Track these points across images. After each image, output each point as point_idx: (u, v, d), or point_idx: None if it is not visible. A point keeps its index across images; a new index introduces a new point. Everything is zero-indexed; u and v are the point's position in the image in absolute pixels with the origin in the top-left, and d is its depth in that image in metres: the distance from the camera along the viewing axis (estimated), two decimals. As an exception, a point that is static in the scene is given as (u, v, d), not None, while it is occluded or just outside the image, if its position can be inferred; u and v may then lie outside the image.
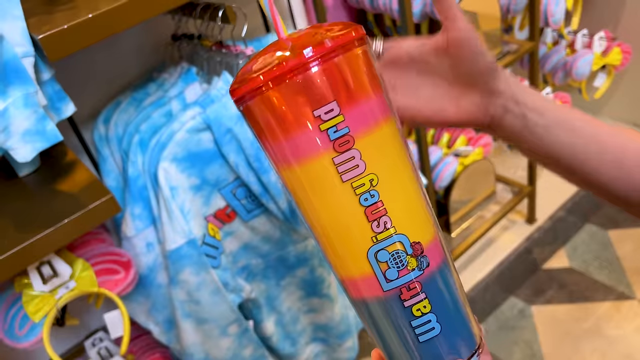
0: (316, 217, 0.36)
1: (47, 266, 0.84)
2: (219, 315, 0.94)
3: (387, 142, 0.35)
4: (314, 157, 0.34)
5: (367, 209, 0.34)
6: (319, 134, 0.33)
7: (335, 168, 0.34)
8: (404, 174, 0.36)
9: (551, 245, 1.76)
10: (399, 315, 0.36)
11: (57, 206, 0.80)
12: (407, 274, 0.35)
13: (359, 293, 0.37)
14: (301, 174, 0.34)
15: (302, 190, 0.35)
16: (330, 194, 0.34)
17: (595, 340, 1.52)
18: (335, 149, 0.33)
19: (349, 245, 0.35)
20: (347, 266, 0.36)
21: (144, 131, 0.90)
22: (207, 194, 0.91)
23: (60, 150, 0.92)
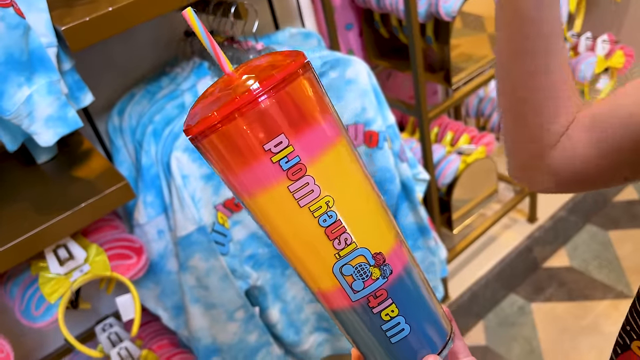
0: (282, 241, 0.38)
1: (63, 249, 0.87)
2: (226, 301, 0.97)
3: (339, 162, 0.37)
4: (270, 188, 0.35)
5: (326, 229, 0.36)
6: (271, 166, 0.34)
7: (292, 195, 0.35)
8: (359, 189, 0.37)
9: (552, 244, 1.79)
10: (369, 322, 0.38)
11: (73, 191, 0.84)
12: (372, 283, 0.37)
13: (330, 304, 0.39)
14: (261, 203, 0.36)
15: (265, 218, 0.37)
16: (290, 219, 0.36)
17: (593, 337, 1.54)
18: (289, 177, 0.35)
19: (315, 264, 0.37)
20: (316, 281, 0.38)
21: (158, 122, 0.94)
22: (217, 184, 0.94)
23: (77, 139, 0.96)
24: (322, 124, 0.36)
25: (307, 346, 1.19)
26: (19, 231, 0.77)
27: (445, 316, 0.42)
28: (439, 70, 1.32)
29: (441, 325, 0.41)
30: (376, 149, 1.05)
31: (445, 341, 0.41)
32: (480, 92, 1.69)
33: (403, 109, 1.31)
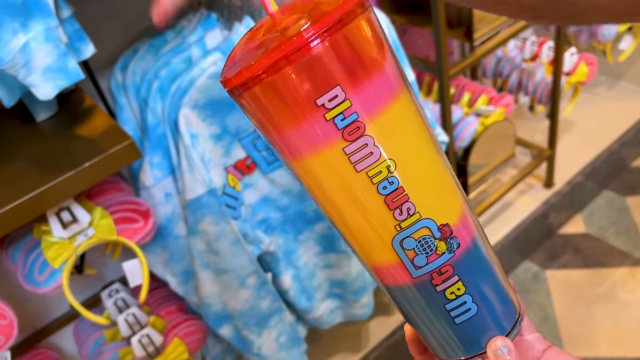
0: (334, 210, 0.33)
1: (66, 212, 0.83)
2: (238, 266, 0.93)
3: (402, 119, 0.32)
4: (322, 150, 0.30)
5: (386, 197, 0.31)
6: (324, 124, 0.30)
7: (348, 158, 0.30)
8: (425, 151, 0.32)
9: (568, 210, 1.74)
10: (432, 300, 0.34)
11: (76, 151, 0.79)
12: (437, 258, 0.33)
13: (387, 280, 0.35)
14: (310, 167, 0.31)
15: (314, 183, 0.32)
16: (345, 186, 0.31)
17: (609, 305, 1.51)
18: (345, 138, 0.30)
19: (372, 236, 0.33)
20: (372, 256, 0.34)
21: (164, 77, 0.88)
22: (227, 144, 0.89)
23: (78, 96, 0.90)
24: (384, 74, 0.31)
25: (320, 313, 1.16)
26: (19, 192, 0.72)
27: (514, 294, 0.37)
28: (456, 27, 1.25)
29: (510, 303, 0.36)
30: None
31: (515, 321, 0.36)
32: (499, 52, 1.61)
33: (422, 67, 1.24)
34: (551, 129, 1.59)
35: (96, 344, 1.08)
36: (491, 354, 0.35)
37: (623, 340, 1.42)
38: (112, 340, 1.06)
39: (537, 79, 1.53)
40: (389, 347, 1.39)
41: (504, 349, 0.34)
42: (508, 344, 0.35)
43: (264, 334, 1.03)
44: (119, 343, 1.06)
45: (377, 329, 1.40)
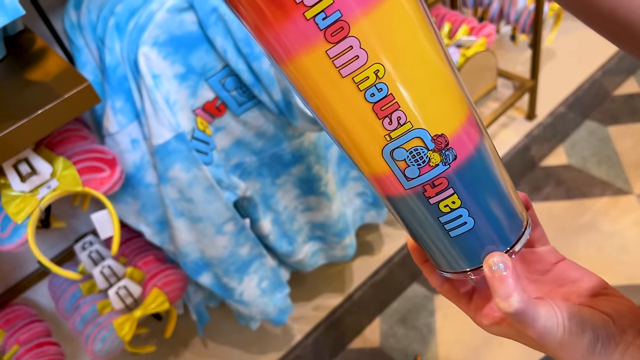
0: (325, 115, 0.31)
1: (24, 164, 0.77)
2: (213, 213, 0.89)
3: (395, 17, 0.28)
4: (305, 53, 0.28)
5: (374, 105, 0.29)
6: (304, 24, 0.27)
7: (331, 62, 0.28)
8: (421, 54, 0.29)
9: (550, 142, 1.72)
10: (425, 212, 0.33)
11: (29, 97, 0.73)
12: (429, 170, 0.31)
13: (382, 190, 0.33)
14: (296, 71, 0.29)
15: (303, 88, 0.30)
16: (331, 92, 0.29)
17: (591, 235, 1.52)
18: (328, 39, 0.27)
19: (363, 145, 0.31)
20: (366, 164, 0.32)
21: (120, 14, 0.81)
22: (193, 84, 0.83)
23: (28, 37, 0.83)
24: None
25: (302, 256, 1.14)
26: (-33, 145, 0.67)
27: (520, 203, 0.35)
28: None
29: (514, 215, 0.34)
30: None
31: (519, 235, 0.34)
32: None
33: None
34: (533, 58, 1.54)
35: (73, 298, 1.05)
36: (487, 269, 0.33)
37: (605, 270, 1.43)
38: (89, 294, 1.04)
39: (520, 7, 1.47)
40: (372, 285, 1.38)
41: (500, 265, 0.33)
42: (505, 260, 0.33)
43: (245, 280, 1.00)
44: (96, 296, 1.03)
45: (360, 269, 1.39)
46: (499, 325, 0.37)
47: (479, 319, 0.38)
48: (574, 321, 0.33)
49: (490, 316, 0.37)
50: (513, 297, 0.32)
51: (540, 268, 0.39)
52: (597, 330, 0.33)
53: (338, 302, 1.35)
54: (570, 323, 0.33)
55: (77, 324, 1.01)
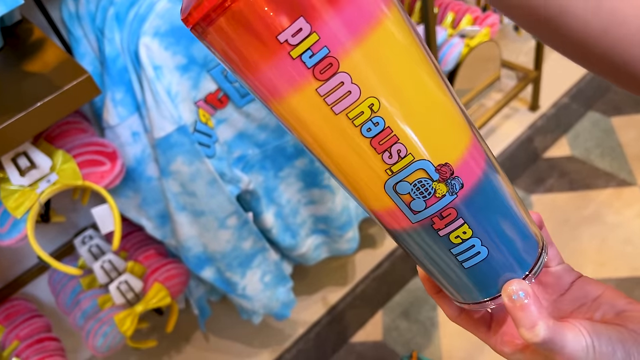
0: (321, 155, 0.30)
1: (23, 157, 0.76)
2: (216, 207, 0.88)
3: (385, 47, 0.27)
4: (294, 92, 0.27)
5: (372, 140, 0.28)
6: (291, 63, 0.26)
7: (323, 100, 0.27)
8: (417, 83, 0.28)
9: (553, 133, 1.71)
10: (436, 245, 0.31)
11: (27, 89, 0.71)
12: (436, 202, 0.29)
13: (388, 224, 0.32)
14: (288, 109, 0.28)
15: (295, 127, 0.29)
16: (325, 130, 0.28)
17: (595, 227, 1.50)
18: (317, 77, 0.26)
19: (363, 182, 0.30)
20: (369, 201, 0.31)
21: (120, 3, 0.79)
22: (195, 76, 0.81)
23: (26, 27, 0.81)
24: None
25: (305, 249, 1.13)
26: (-36, 138, 0.65)
27: (534, 224, 0.33)
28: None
29: (529, 237, 0.32)
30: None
31: (536, 257, 0.32)
32: (483, -32, 1.52)
33: (402, -14, 1.15)
34: (537, 49, 1.52)
35: (73, 293, 1.03)
36: (506, 299, 0.31)
37: (609, 261, 1.42)
38: (89, 288, 1.02)
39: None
40: (375, 279, 1.37)
41: (520, 293, 0.31)
42: (525, 288, 0.31)
43: (247, 275, 0.99)
44: (96, 291, 1.02)
45: (363, 262, 1.38)
46: (522, 352, 0.35)
47: (500, 347, 0.36)
48: (603, 341, 0.31)
49: (512, 344, 0.35)
50: (539, 326, 0.30)
51: (558, 289, 0.37)
52: (628, 347, 0.32)
53: (340, 295, 1.34)
54: (600, 343, 0.31)
55: (77, 319, 1.00)
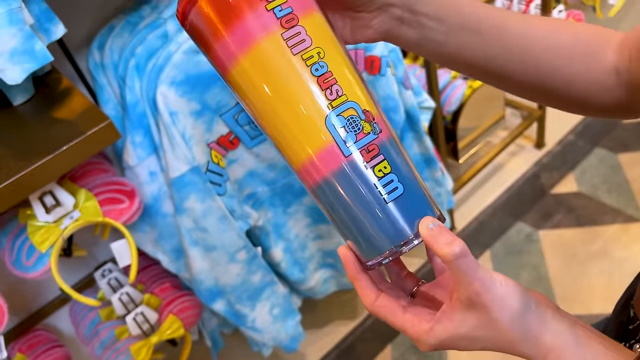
0: (271, 102, 0.38)
1: (49, 196, 0.82)
2: (227, 242, 0.93)
3: (324, 24, 0.39)
4: (265, 37, 0.36)
5: (319, 78, 0.37)
6: (265, 13, 0.36)
7: (285, 43, 0.37)
8: (344, 53, 0.39)
9: (559, 169, 1.74)
10: (364, 179, 0.37)
11: (54, 134, 0.78)
12: (363, 137, 0.37)
13: (319, 173, 0.38)
14: (254, 58, 0.37)
15: (257, 76, 0.37)
16: (284, 69, 0.37)
17: (603, 262, 1.52)
18: (283, 25, 0.37)
19: (308, 118, 0.37)
20: (308, 143, 0.37)
21: (140, 55, 0.86)
22: (208, 120, 0.88)
23: (55, 77, 0.89)
24: None
25: (313, 283, 1.17)
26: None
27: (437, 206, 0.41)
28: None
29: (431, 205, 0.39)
30: (378, 75, 0.98)
31: (439, 212, 0.40)
32: (486, 12, 1.58)
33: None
34: (541, 88, 1.57)
35: (92, 324, 1.08)
36: (424, 229, 0.36)
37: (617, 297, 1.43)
38: (107, 320, 1.07)
39: (525, 39, 1.51)
40: (384, 313, 1.40)
41: (436, 223, 0.36)
42: (438, 222, 0.37)
43: (257, 307, 1.04)
44: (114, 322, 1.07)
45: (372, 296, 1.41)
46: (439, 322, 0.37)
47: (418, 326, 0.38)
48: (511, 282, 0.37)
49: (429, 319, 0.38)
50: (455, 241, 0.35)
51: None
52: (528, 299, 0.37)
53: (349, 329, 1.37)
54: (507, 280, 0.36)
55: (96, 349, 1.05)
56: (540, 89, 0.46)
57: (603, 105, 0.46)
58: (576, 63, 0.44)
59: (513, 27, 0.44)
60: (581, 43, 0.45)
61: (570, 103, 0.47)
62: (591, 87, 0.45)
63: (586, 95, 0.45)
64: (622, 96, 0.45)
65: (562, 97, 0.46)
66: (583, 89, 0.45)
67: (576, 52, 0.44)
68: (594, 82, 0.45)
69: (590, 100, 0.46)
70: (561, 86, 0.45)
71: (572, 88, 0.45)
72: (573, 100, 0.46)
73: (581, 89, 0.45)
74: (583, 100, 0.46)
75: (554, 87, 0.45)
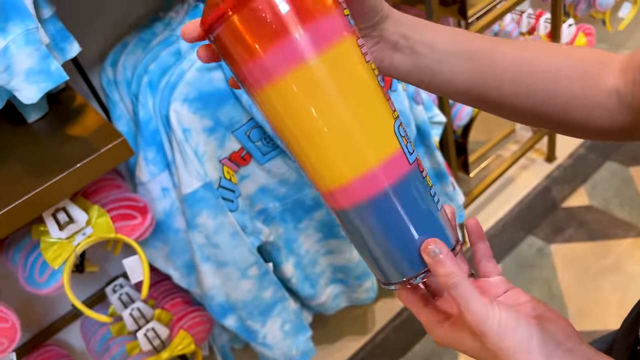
0: (331, 112, 0.35)
1: (62, 213, 0.83)
2: (238, 258, 0.93)
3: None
4: (343, 40, 0.35)
5: (382, 89, 0.37)
6: (343, 18, 0.36)
7: (360, 49, 0.36)
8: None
9: (571, 183, 1.73)
10: (422, 187, 0.38)
11: (68, 151, 0.78)
12: (413, 148, 0.38)
13: (389, 177, 0.36)
14: (325, 62, 0.34)
15: (327, 79, 0.35)
16: (357, 75, 0.36)
17: (616, 277, 1.51)
18: (355, 33, 0.37)
19: (378, 126, 0.36)
20: (375, 148, 0.36)
21: (153, 72, 0.87)
22: (221, 136, 0.88)
23: (69, 94, 0.89)
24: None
25: (324, 298, 1.16)
26: (13, 196, 0.72)
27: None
28: (451, 4, 1.22)
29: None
30: (389, 91, 0.98)
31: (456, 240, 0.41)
32: (495, 27, 1.59)
33: (415, 47, 1.22)
34: (551, 102, 1.57)
35: (103, 339, 1.08)
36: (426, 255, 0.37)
37: (630, 311, 1.41)
38: (118, 335, 1.07)
39: (535, 53, 1.50)
40: (395, 328, 1.39)
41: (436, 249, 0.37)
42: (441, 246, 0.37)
43: (268, 323, 1.03)
44: (125, 337, 1.07)
45: (382, 311, 1.41)
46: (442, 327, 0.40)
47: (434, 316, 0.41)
48: (511, 315, 0.36)
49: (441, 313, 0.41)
50: (452, 275, 0.36)
51: (492, 293, 0.42)
52: (532, 329, 0.36)
53: (361, 344, 1.36)
54: (508, 315, 0.36)
55: (106, 365, 1.04)
56: (537, 114, 0.46)
57: (605, 129, 0.45)
58: (575, 86, 0.44)
59: (506, 53, 0.45)
60: (579, 66, 0.44)
61: (570, 127, 0.46)
62: (591, 110, 0.44)
63: (587, 119, 0.45)
64: (626, 119, 0.44)
65: (561, 121, 0.46)
66: (583, 113, 0.45)
67: (574, 75, 0.44)
68: (594, 105, 0.44)
69: (590, 124, 0.45)
70: (560, 110, 0.45)
71: (571, 112, 0.45)
72: (573, 124, 0.46)
73: (581, 112, 0.45)
74: (583, 124, 0.45)
75: (552, 112, 0.45)
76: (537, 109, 0.45)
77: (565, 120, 0.45)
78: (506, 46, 0.45)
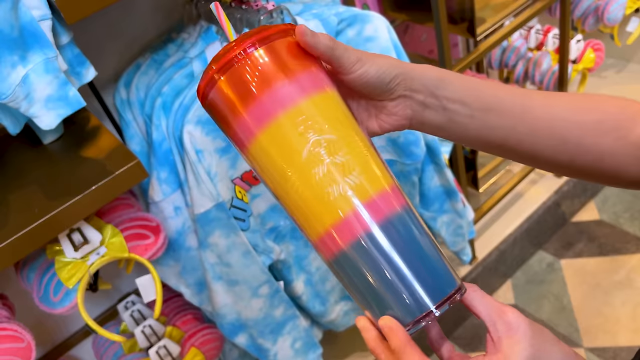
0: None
1: (77, 233, 0.84)
2: (250, 277, 0.94)
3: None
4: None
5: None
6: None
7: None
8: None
9: (580, 197, 1.73)
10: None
11: (83, 173, 0.79)
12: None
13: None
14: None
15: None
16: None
17: (627, 292, 1.50)
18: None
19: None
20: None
21: (167, 94, 0.88)
22: (233, 157, 0.89)
23: (84, 116, 0.91)
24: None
25: (334, 316, 1.16)
26: (29, 218, 0.73)
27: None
28: (459, 22, 1.23)
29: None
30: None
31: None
32: (504, 42, 1.60)
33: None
34: (560, 117, 1.57)
35: (115, 356, 1.09)
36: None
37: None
38: (130, 352, 1.08)
39: (544, 69, 1.51)
40: (405, 344, 1.39)
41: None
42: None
43: (279, 341, 1.04)
44: (137, 354, 1.07)
45: (392, 327, 1.40)
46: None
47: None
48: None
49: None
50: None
51: None
52: None
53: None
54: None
55: (118, 383, 1.05)
56: (571, 166, 0.47)
57: (636, 177, 0.47)
58: (605, 139, 0.45)
59: (537, 107, 0.46)
60: (608, 118, 0.45)
61: (603, 177, 0.48)
62: (622, 160, 0.46)
63: (618, 169, 0.46)
64: None
65: (594, 172, 0.47)
66: (614, 164, 0.46)
67: (604, 128, 0.45)
68: (625, 155, 0.45)
69: (622, 174, 0.46)
70: (592, 162, 0.46)
71: (603, 163, 0.46)
72: (605, 174, 0.47)
73: (612, 163, 0.46)
74: (615, 173, 0.46)
75: (585, 164, 0.46)
76: (572, 162, 0.47)
77: (599, 170, 0.47)
78: (536, 100, 0.46)
